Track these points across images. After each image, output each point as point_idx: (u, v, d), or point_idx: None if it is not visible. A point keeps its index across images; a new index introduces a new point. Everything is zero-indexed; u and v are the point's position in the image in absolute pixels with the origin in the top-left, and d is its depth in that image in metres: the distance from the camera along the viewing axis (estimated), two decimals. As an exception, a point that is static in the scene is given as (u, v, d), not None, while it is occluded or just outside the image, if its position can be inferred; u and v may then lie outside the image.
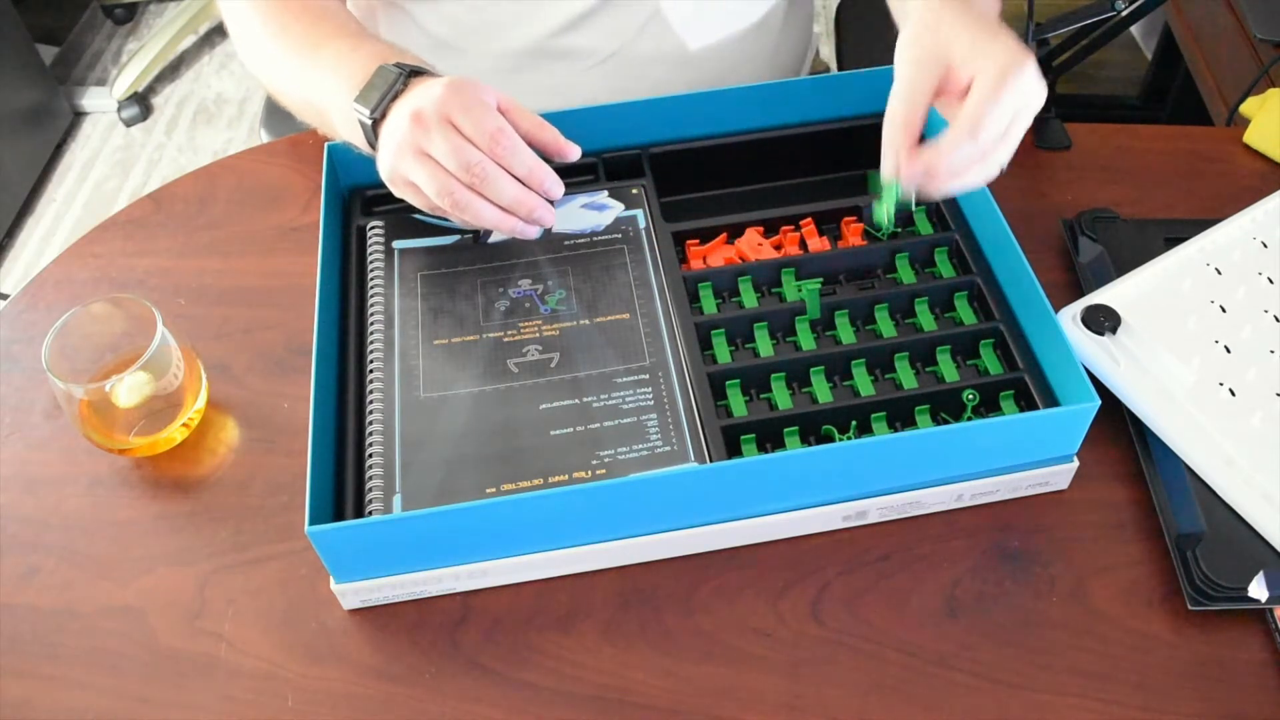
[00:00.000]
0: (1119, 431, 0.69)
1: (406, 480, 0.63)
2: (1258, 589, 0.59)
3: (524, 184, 0.65)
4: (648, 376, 0.67)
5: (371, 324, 0.70)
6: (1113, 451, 0.68)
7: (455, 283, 0.72)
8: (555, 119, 0.77)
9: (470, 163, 0.62)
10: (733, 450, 0.65)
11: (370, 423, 0.66)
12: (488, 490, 0.62)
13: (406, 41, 0.91)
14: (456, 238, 0.75)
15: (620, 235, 0.74)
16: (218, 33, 2.34)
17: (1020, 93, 0.61)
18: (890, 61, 0.80)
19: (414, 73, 0.66)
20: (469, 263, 0.73)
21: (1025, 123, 0.63)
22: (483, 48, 0.89)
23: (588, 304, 0.71)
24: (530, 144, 0.66)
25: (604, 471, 0.63)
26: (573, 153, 0.67)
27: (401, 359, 0.68)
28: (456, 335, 0.69)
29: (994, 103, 0.60)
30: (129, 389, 0.67)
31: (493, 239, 0.74)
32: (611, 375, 0.67)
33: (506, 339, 0.69)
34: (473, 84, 0.64)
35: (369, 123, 0.66)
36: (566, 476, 0.63)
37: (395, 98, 0.65)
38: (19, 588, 0.65)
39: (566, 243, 0.74)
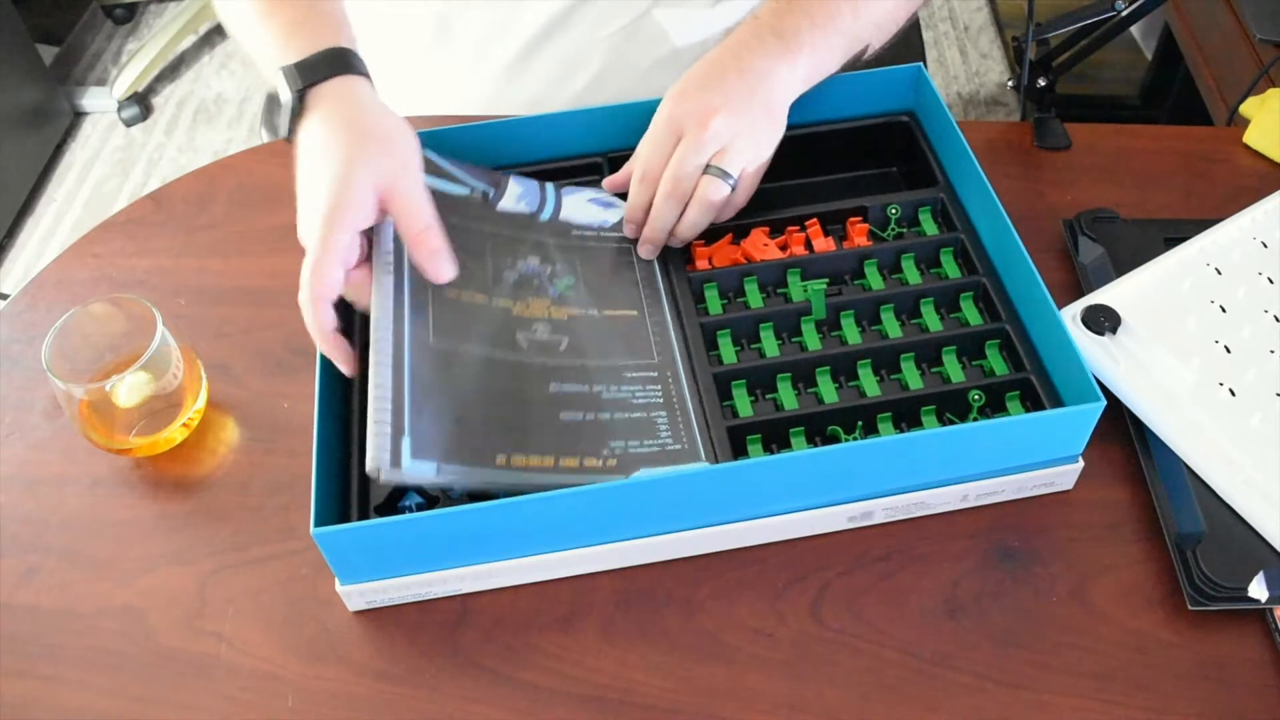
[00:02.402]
0: (1119, 431, 0.69)
1: (417, 424, 0.59)
2: (1258, 589, 0.59)
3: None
4: (656, 375, 0.67)
5: (381, 256, 0.65)
6: (1113, 451, 0.69)
7: (465, 237, 0.69)
8: (559, 119, 0.77)
9: (302, 299, 0.62)
10: (738, 450, 0.65)
11: (378, 353, 0.60)
12: (498, 458, 0.60)
13: (408, 21, 0.90)
14: (468, 190, 0.72)
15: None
16: (218, 33, 2.34)
17: (655, 123, 0.70)
18: (890, 61, 0.80)
19: (316, 79, 0.64)
20: (478, 220, 0.71)
21: (694, 149, 0.68)
22: (496, 18, 0.89)
23: (596, 295, 0.70)
24: (410, 250, 0.64)
25: (614, 463, 0.62)
26: (443, 276, 0.64)
27: (412, 297, 0.64)
28: (466, 290, 0.67)
29: (639, 153, 0.70)
30: (129, 389, 0.67)
31: (500, 206, 0.72)
32: (621, 369, 0.67)
33: (516, 311, 0.67)
34: (343, 214, 0.60)
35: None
36: (577, 461, 0.62)
37: (297, 119, 0.65)
38: (19, 588, 0.65)
39: (574, 233, 0.74)
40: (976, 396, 0.66)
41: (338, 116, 0.63)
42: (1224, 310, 0.71)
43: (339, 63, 0.65)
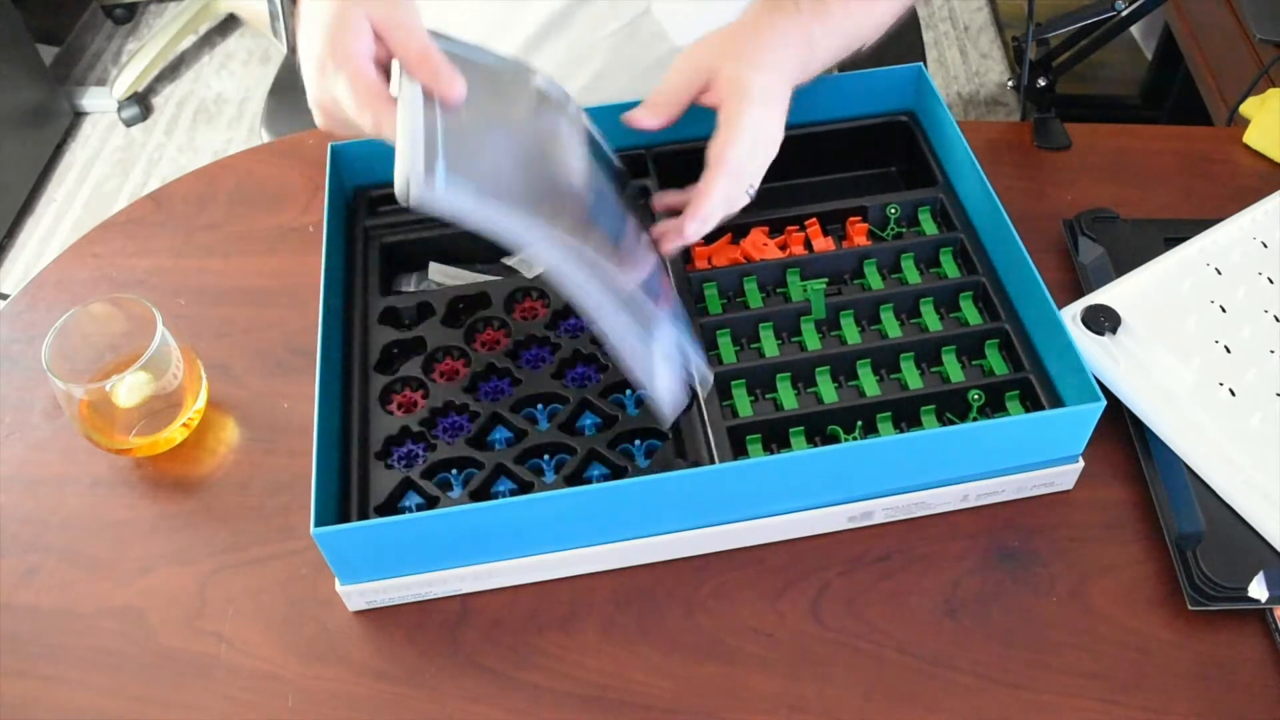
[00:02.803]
0: (1119, 431, 0.69)
1: (449, 145, 0.53)
2: (1258, 589, 0.59)
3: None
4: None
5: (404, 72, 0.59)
6: (1113, 451, 0.68)
7: (496, 101, 0.63)
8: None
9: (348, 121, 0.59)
10: (738, 451, 0.65)
11: (408, 103, 0.55)
12: (541, 209, 0.55)
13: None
14: (499, 63, 0.66)
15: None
16: (218, 33, 2.34)
17: (755, 127, 0.66)
18: (890, 61, 0.80)
19: None
20: (509, 92, 0.65)
21: (766, 156, 0.68)
22: (499, 18, 0.89)
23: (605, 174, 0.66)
24: (414, 73, 0.60)
25: (626, 292, 0.58)
26: (454, 92, 0.59)
27: (443, 107, 0.57)
28: (499, 115, 0.61)
29: (736, 141, 0.66)
30: (129, 389, 0.67)
31: (534, 82, 0.66)
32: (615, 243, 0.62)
33: (547, 139, 0.62)
34: (341, 35, 0.59)
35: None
36: (604, 257, 0.57)
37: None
38: (19, 588, 0.65)
39: (590, 128, 0.69)
40: (976, 396, 0.66)
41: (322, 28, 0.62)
42: (1224, 310, 0.71)
43: None
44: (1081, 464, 0.65)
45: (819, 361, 0.68)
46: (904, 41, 0.86)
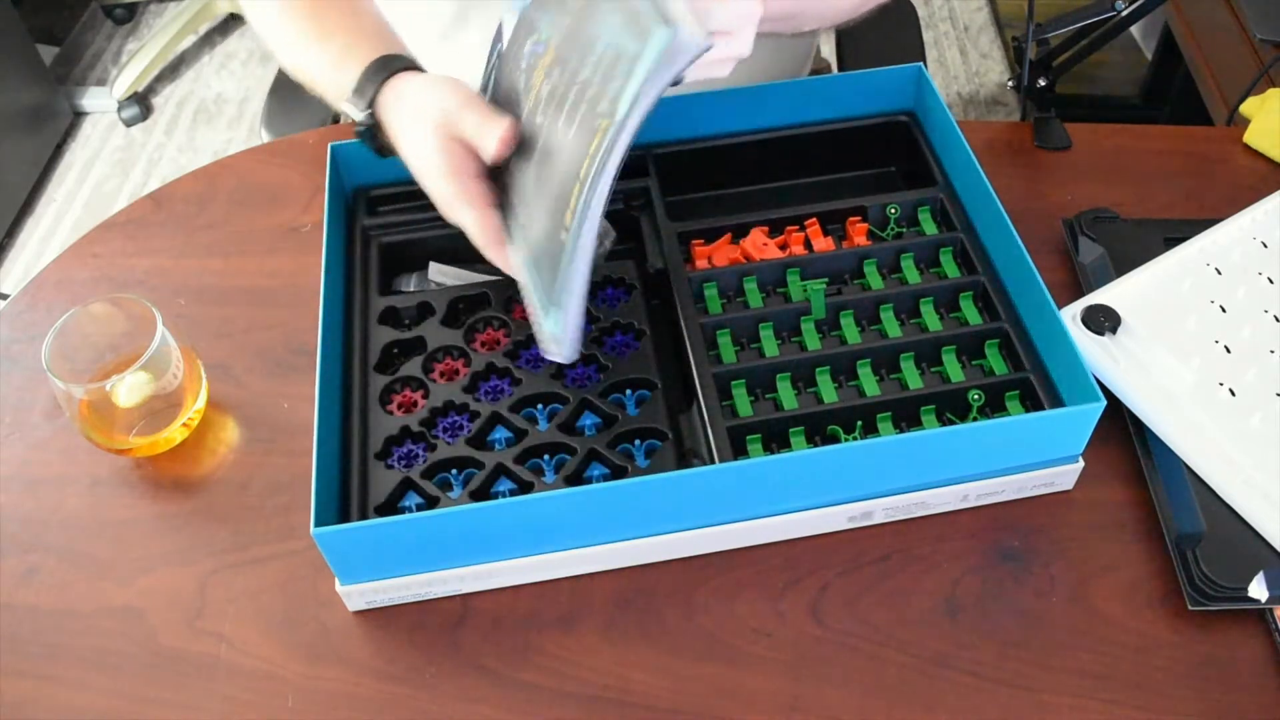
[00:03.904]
0: (1119, 431, 0.69)
1: (543, 282, 0.62)
2: (1258, 589, 0.59)
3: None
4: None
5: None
6: (1113, 451, 0.69)
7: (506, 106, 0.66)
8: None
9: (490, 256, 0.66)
10: (738, 450, 0.65)
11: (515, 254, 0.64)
12: (566, 218, 0.59)
13: (422, 18, 0.91)
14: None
15: None
16: (218, 33, 2.34)
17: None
18: (890, 61, 0.80)
19: (389, 76, 0.66)
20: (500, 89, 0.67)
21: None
22: (498, 20, 0.89)
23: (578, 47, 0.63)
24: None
25: (606, 123, 0.57)
26: (502, 148, 0.64)
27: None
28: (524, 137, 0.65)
29: None
30: (129, 389, 0.67)
31: (506, 51, 0.68)
32: (594, 39, 0.60)
33: (528, 101, 0.64)
34: (428, 156, 0.64)
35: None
36: (596, 144, 0.58)
37: (374, 126, 0.68)
38: (19, 588, 0.65)
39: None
40: (976, 396, 0.66)
41: (395, 114, 0.66)
42: (1224, 310, 0.71)
43: (382, 71, 0.68)
44: (1081, 464, 0.65)
45: (819, 361, 0.68)
46: (904, 41, 0.86)
